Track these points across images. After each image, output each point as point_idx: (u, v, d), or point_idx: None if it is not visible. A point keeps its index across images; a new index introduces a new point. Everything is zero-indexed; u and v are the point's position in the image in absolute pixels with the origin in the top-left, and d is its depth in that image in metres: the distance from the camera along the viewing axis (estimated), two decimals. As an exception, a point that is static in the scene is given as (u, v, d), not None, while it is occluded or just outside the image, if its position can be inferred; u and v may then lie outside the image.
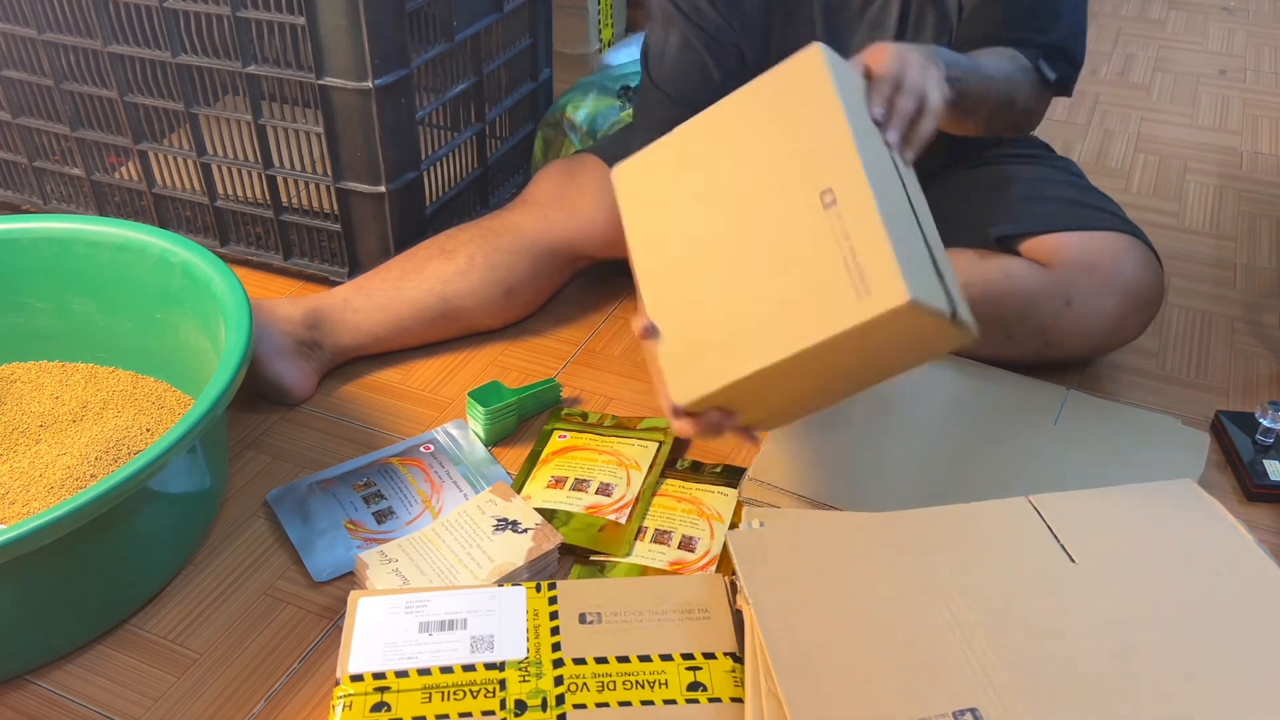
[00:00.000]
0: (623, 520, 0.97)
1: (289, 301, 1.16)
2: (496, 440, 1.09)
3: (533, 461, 1.05)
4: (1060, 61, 1.09)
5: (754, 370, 0.77)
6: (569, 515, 0.98)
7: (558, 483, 1.01)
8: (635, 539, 0.96)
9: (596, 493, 1.00)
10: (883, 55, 0.88)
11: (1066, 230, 1.11)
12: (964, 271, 1.13)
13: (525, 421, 1.12)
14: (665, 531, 0.96)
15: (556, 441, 1.07)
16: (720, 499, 1.00)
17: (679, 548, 0.95)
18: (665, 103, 1.13)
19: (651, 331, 0.84)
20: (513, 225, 1.20)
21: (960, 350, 1.16)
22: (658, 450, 1.05)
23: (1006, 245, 1.14)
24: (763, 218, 0.79)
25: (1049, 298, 1.09)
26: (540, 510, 0.98)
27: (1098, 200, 1.17)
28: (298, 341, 1.13)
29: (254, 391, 1.13)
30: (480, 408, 1.07)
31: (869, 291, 0.72)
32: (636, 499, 0.99)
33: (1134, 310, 1.09)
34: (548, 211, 1.20)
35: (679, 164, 0.85)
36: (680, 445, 1.09)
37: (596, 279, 1.35)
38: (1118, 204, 1.19)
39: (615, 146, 1.24)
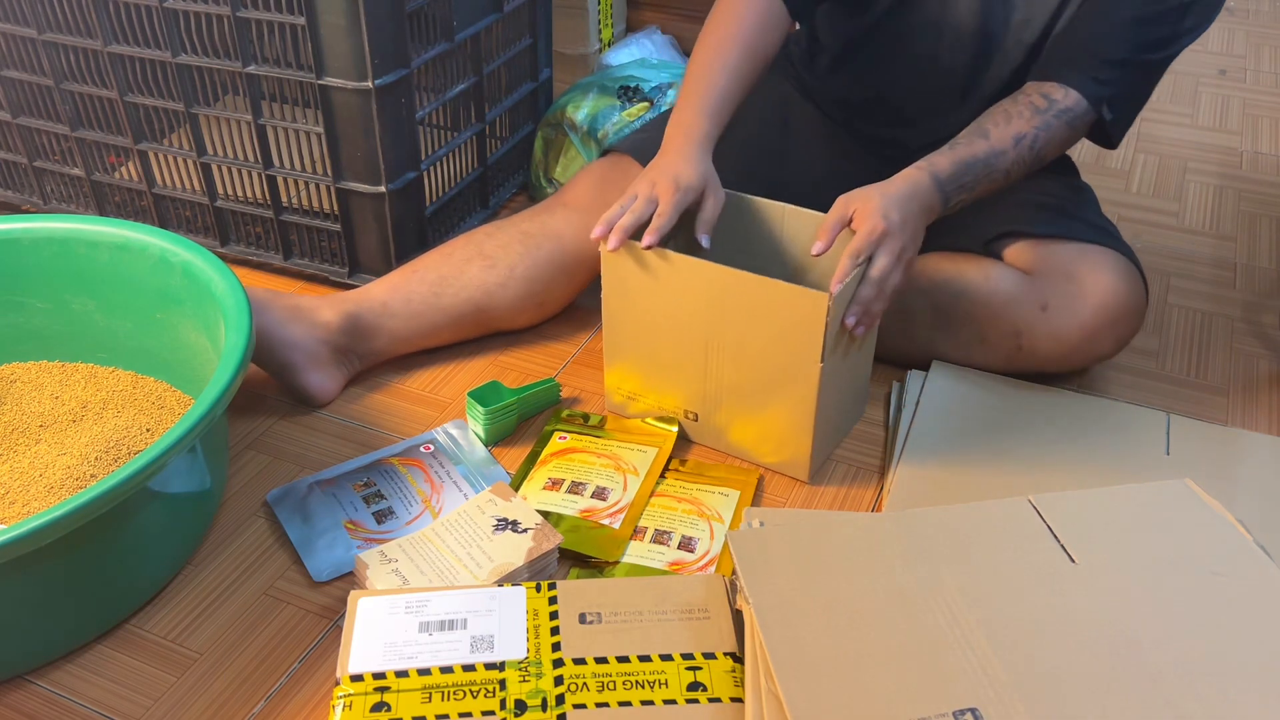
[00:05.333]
0: (616, 525, 0.97)
1: (327, 305, 1.13)
2: (496, 440, 1.09)
3: (531, 462, 1.05)
4: (1120, 104, 1.07)
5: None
6: (561, 518, 0.98)
7: (554, 484, 1.01)
8: (630, 542, 0.96)
9: (592, 496, 1.00)
10: (864, 220, 0.98)
11: (1052, 239, 1.11)
12: (945, 270, 1.13)
13: (525, 421, 1.12)
14: (665, 532, 0.96)
15: (556, 443, 1.07)
16: (720, 499, 1.00)
17: (678, 548, 0.95)
18: None
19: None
20: (554, 233, 1.18)
21: (929, 351, 1.16)
22: (657, 456, 1.05)
23: (991, 250, 1.14)
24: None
25: (1024, 300, 1.09)
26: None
27: (1091, 215, 1.17)
28: (333, 349, 1.13)
29: (282, 389, 1.14)
30: (480, 408, 1.07)
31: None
32: (632, 504, 0.99)
33: (1109, 323, 1.08)
34: (585, 219, 1.19)
35: (669, 272, 1.00)
36: (681, 448, 1.09)
37: (597, 279, 1.35)
38: (1111, 221, 1.18)
39: (647, 145, 1.23)
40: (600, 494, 1.00)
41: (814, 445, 1.02)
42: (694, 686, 0.76)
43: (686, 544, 0.95)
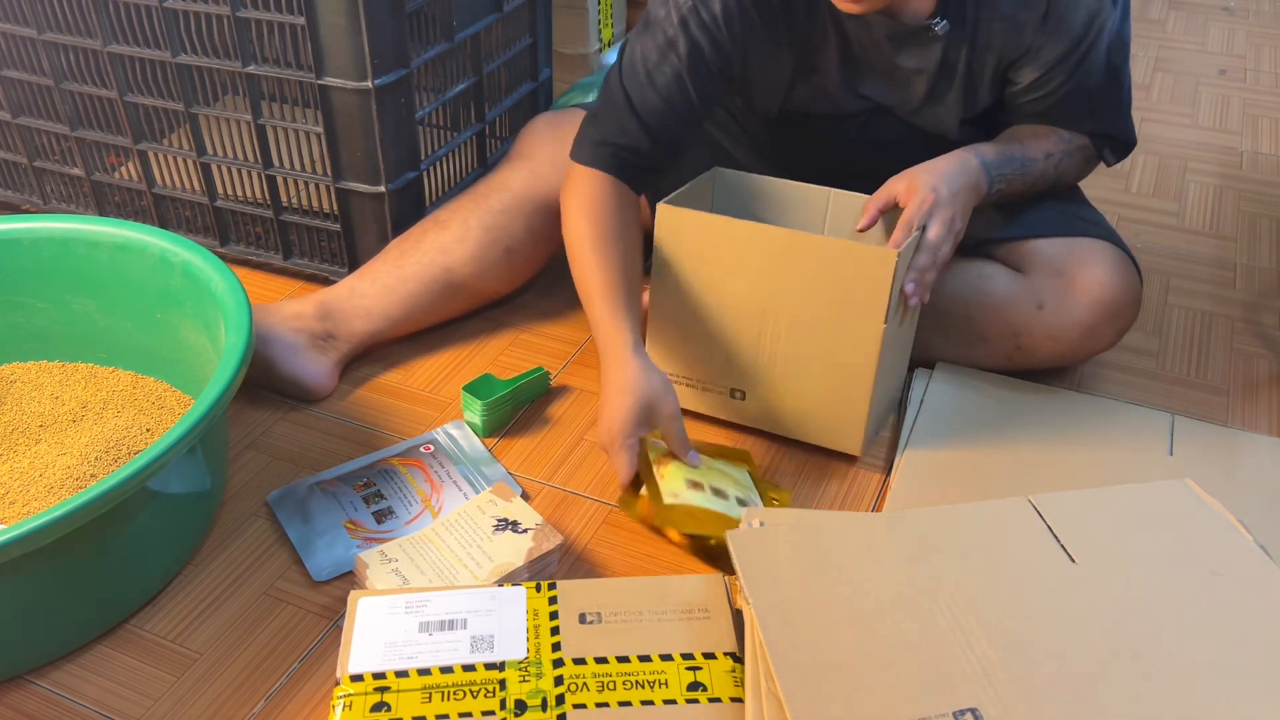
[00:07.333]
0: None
1: (298, 300, 1.15)
2: (493, 431, 1.09)
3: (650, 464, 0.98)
4: (1121, 148, 1.14)
5: None
6: (718, 514, 0.92)
7: (695, 486, 0.96)
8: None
9: (737, 503, 0.95)
10: (914, 194, 0.99)
11: (1044, 236, 1.11)
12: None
13: (519, 410, 1.13)
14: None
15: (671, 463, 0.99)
16: None
17: None
18: (632, 120, 1.07)
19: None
20: (501, 184, 1.20)
21: (930, 353, 1.16)
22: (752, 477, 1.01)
23: (985, 250, 1.14)
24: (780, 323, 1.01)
25: (1021, 300, 1.09)
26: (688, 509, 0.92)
27: (1081, 210, 1.17)
28: (311, 336, 1.13)
29: (275, 392, 1.13)
30: (477, 401, 1.07)
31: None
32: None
33: (1105, 318, 1.08)
34: (534, 166, 1.20)
35: (726, 239, 0.99)
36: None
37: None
38: (1101, 214, 1.18)
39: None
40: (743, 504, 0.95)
41: (869, 415, 1.01)
42: (694, 686, 0.76)
43: None
